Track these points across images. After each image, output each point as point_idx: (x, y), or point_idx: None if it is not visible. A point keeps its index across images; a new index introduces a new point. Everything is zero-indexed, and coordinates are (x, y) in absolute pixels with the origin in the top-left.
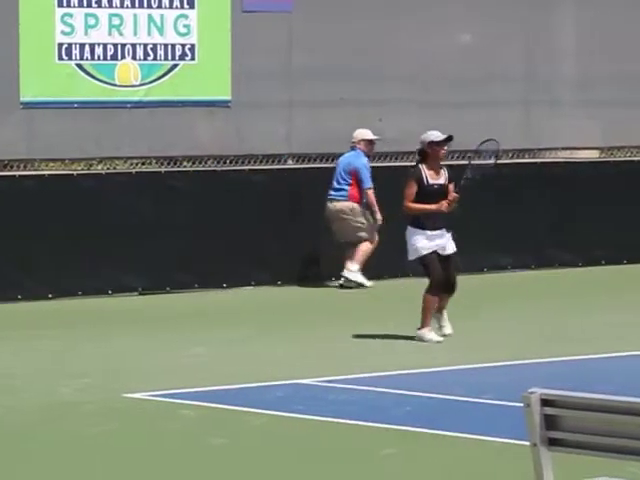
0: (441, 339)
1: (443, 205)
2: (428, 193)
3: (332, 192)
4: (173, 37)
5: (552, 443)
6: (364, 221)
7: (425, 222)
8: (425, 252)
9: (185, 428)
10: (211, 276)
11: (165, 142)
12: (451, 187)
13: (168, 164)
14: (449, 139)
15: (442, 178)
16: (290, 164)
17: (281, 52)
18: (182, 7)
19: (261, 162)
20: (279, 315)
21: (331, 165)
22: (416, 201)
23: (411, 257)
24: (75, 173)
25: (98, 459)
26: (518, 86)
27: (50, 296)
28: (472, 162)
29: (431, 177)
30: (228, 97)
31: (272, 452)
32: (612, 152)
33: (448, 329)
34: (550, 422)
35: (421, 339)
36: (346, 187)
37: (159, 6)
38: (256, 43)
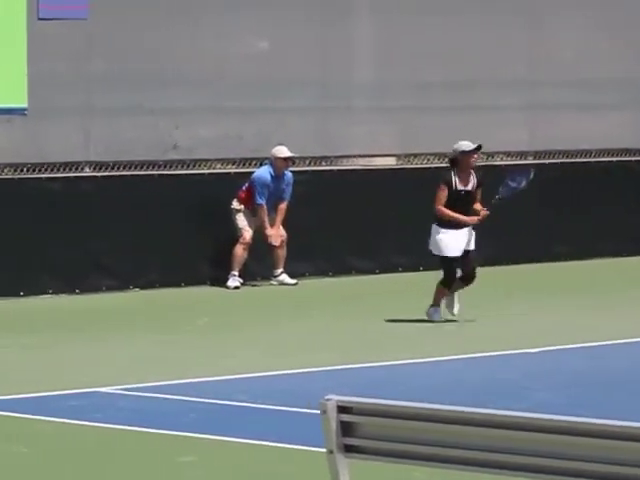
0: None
1: (473, 220)
2: (456, 198)
3: None
4: None
5: (348, 450)
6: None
7: (451, 223)
8: (449, 254)
9: None
10: (7, 285)
11: None
12: (479, 192)
13: None
14: (478, 148)
15: (470, 185)
16: (87, 172)
17: (79, 59)
18: None
19: (58, 170)
20: (77, 323)
21: (129, 172)
22: (445, 205)
23: (434, 251)
24: None
25: None
26: (314, 92)
27: None
28: (506, 184)
29: (460, 183)
30: (25, 105)
31: (64, 461)
32: (409, 159)
33: (456, 309)
34: (346, 429)
35: (431, 318)
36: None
37: None
38: (53, 50)
